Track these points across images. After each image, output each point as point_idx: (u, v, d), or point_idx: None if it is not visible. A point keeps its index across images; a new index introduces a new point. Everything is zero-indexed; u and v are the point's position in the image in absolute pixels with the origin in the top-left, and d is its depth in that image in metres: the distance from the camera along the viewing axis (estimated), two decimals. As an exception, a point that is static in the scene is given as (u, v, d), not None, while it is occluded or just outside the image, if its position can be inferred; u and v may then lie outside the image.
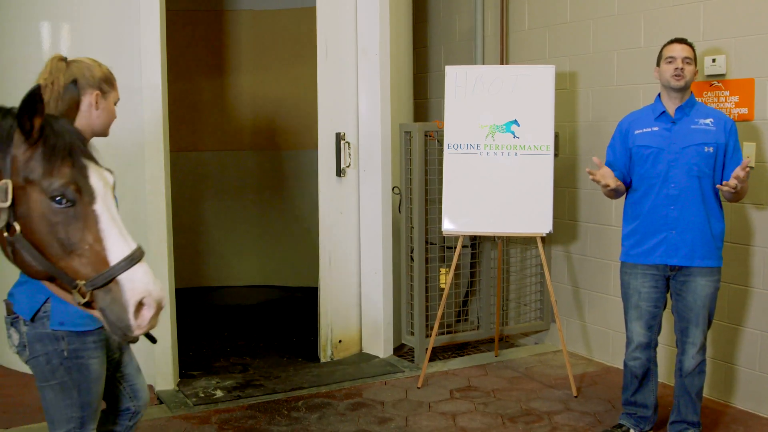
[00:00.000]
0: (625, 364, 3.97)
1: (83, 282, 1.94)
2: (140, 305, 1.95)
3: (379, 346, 5.46)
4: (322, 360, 5.35)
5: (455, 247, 4.91)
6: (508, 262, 5.86)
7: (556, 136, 5.15)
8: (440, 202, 4.94)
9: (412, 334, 5.35)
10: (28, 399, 4.58)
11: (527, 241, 5.69)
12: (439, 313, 4.92)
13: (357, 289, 5.48)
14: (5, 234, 1.96)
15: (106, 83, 2.66)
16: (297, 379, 5.00)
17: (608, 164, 3.94)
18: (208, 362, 5.35)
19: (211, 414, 4.41)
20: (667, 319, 3.99)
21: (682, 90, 3.77)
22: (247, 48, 7.73)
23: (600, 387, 4.87)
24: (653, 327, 3.88)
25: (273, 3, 7.62)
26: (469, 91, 4.87)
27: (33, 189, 1.95)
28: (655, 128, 3.81)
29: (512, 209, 4.78)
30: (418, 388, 4.83)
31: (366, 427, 4.24)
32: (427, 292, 5.33)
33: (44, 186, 1.94)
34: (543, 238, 4.91)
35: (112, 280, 1.93)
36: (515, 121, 4.80)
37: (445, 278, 5.23)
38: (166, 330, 4.72)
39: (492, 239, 5.52)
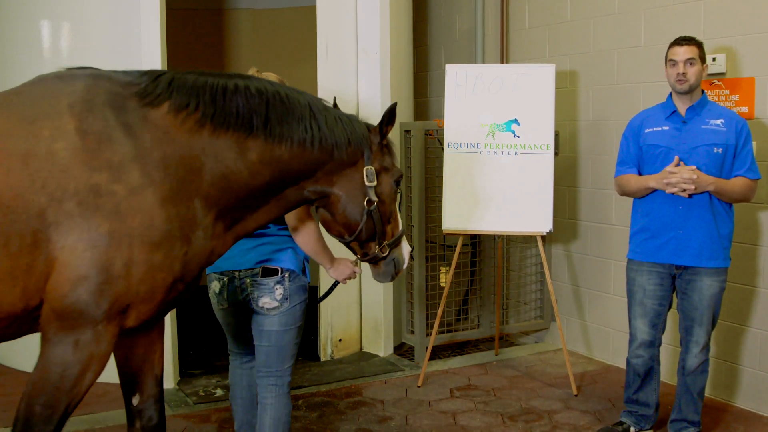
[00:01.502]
0: (628, 362, 3.97)
1: (386, 242, 2.85)
2: (410, 256, 3.00)
3: (380, 345, 5.46)
4: (322, 359, 5.35)
5: (455, 246, 4.91)
6: (509, 261, 5.86)
7: (557, 135, 5.15)
8: (440, 201, 4.94)
9: (413, 332, 5.35)
10: (29, 398, 4.58)
11: (527, 240, 5.69)
12: (440, 312, 4.92)
13: (357, 288, 5.47)
14: (366, 206, 2.71)
15: None
16: (297, 377, 5.00)
17: (621, 161, 3.95)
18: (208, 361, 5.35)
19: (211, 413, 4.42)
20: (671, 319, 3.99)
21: (689, 92, 3.76)
22: (247, 47, 7.73)
23: (600, 386, 4.87)
24: (657, 325, 3.87)
25: (273, 2, 7.62)
26: (469, 90, 4.86)
27: (385, 174, 2.80)
28: (666, 127, 3.80)
29: (512, 208, 4.78)
30: (419, 386, 4.83)
31: (366, 426, 4.24)
32: (427, 291, 5.32)
33: (394, 173, 2.83)
34: (543, 237, 4.90)
35: (401, 238, 2.92)
36: (515, 120, 4.80)
37: (446, 277, 5.23)
38: (166, 329, 4.71)
39: (492, 238, 5.52)
